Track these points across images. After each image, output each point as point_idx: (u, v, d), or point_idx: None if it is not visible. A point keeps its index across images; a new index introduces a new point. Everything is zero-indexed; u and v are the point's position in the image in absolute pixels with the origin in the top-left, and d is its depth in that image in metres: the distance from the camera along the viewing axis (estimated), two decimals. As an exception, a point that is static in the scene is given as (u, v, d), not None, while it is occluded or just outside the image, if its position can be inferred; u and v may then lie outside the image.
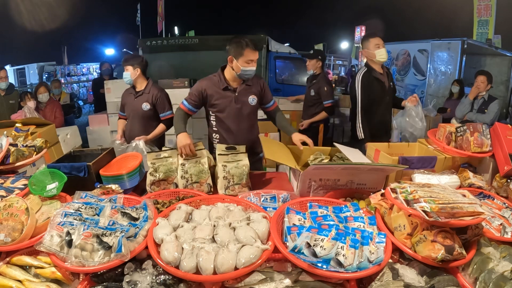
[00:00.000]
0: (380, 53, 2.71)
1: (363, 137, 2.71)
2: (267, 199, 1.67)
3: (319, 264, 1.11)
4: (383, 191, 1.45)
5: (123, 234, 1.21)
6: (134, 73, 2.84)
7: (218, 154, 1.92)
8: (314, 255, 1.12)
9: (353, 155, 1.99)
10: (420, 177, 1.74)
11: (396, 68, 8.29)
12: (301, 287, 1.16)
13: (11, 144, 1.91)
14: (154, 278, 1.15)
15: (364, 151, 2.19)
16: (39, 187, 1.61)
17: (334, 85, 7.80)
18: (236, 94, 2.26)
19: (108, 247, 1.18)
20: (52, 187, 1.60)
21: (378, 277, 1.19)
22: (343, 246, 1.14)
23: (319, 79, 4.01)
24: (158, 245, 1.24)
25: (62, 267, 1.20)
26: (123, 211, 1.37)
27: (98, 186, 1.70)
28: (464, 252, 1.21)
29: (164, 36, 12.03)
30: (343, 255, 1.11)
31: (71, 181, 1.67)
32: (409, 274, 1.20)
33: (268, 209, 1.54)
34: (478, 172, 1.91)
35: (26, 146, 1.97)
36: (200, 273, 1.13)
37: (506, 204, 1.63)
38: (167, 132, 3.08)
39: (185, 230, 1.28)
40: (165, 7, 12.66)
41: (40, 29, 16.77)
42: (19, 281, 1.22)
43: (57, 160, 2.00)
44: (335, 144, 2.10)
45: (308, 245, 1.13)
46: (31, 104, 4.06)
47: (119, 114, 3.13)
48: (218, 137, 2.37)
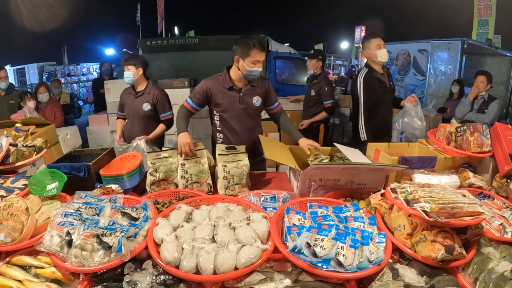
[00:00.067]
0: (382, 53, 2.71)
1: (365, 138, 2.69)
2: (267, 199, 1.67)
3: (319, 264, 1.11)
4: (383, 191, 1.45)
5: (123, 234, 1.21)
6: (136, 73, 2.83)
7: (218, 154, 1.92)
8: (314, 255, 1.12)
9: (353, 155, 1.98)
10: (420, 177, 1.74)
11: (396, 68, 8.30)
12: (301, 287, 1.16)
13: (11, 144, 1.90)
14: (154, 278, 1.15)
15: (365, 151, 2.18)
16: (39, 187, 1.61)
17: (334, 85, 7.80)
18: (241, 94, 2.26)
19: (108, 247, 1.18)
20: (52, 187, 1.60)
21: (378, 277, 1.19)
22: (343, 246, 1.14)
23: (319, 79, 4.00)
24: (158, 245, 1.24)
25: (62, 267, 1.20)
26: (123, 211, 1.37)
27: (98, 186, 1.70)
28: (464, 252, 1.21)
29: (164, 36, 12.03)
30: (343, 255, 1.11)
31: (71, 181, 1.67)
32: (409, 274, 1.20)
33: (268, 209, 1.54)
34: (478, 172, 1.90)
35: (26, 146, 1.97)
36: (200, 273, 1.13)
37: (506, 204, 1.63)
38: (167, 132, 3.08)
39: (185, 230, 1.28)
40: (165, 7, 12.66)
41: (40, 29, 16.79)
42: (19, 281, 1.22)
43: (57, 160, 2.00)
44: (335, 144, 2.10)
45: (308, 245, 1.13)
46: (31, 104, 4.05)
47: (117, 114, 3.12)
48: (221, 136, 2.37)
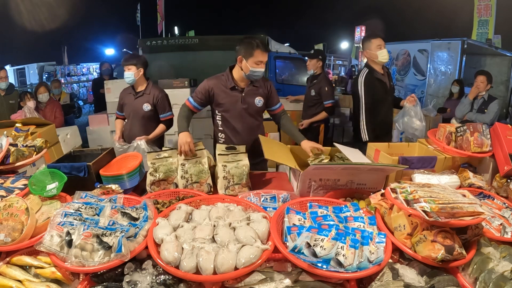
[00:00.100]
0: (382, 53, 2.71)
1: (367, 139, 2.68)
2: (267, 199, 1.67)
3: (319, 264, 1.11)
4: (383, 191, 1.45)
5: (123, 234, 1.21)
6: (137, 73, 2.83)
7: (218, 154, 1.92)
8: (314, 255, 1.12)
9: (353, 155, 1.98)
10: (420, 177, 1.74)
11: (396, 68, 8.30)
12: (301, 287, 1.16)
13: (11, 144, 1.90)
14: (154, 278, 1.15)
15: (365, 151, 2.18)
16: (39, 187, 1.61)
17: (334, 85, 7.81)
18: (243, 94, 2.26)
19: (108, 247, 1.18)
20: (52, 187, 1.60)
21: (378, 277, 1.19)
22: (343, 246, 1.14)
23: (320, 79, 4.00)
24: (158, 245, 1.24)
25: (62, 267, 1.20)
26: (123, 211, 1.37)
27: (98, 186, 1.70)
28: (464, 252, 1.21)
29: (164, 36, 12.03)
30: (343, 255, 1.11)
31: (71, 181, 1.67)
32: (409, 274, 1.20)
33: (268, 209, 1.54)
34: (478, 172, 1.90)
35: (26, 146, 1.97)
36: (200, 273, 1.13)
37: (506, 204, 1.63)
38: (167, 132, 3.08)
39: (185, 230, 1.28)
40: (165, 7, 12.67)
41: (40, 29, 16.79)
42: (19, 281, 1.22)
43: (57, 160, 2.00)
44: (335, 144, 2.10)
45: (308, 245, 1.13)
46: (31, 104, 4.05)
47: (116, 114, 3.11)
48: (223, 136, 2.37)
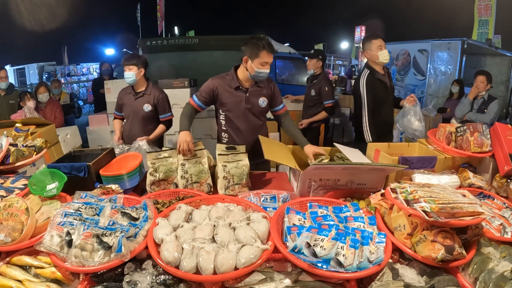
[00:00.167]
0: (383, 54, 2.71)
1: (371, 140, 2.67)
2: (267, 199, 1.67)
3: (319, 264, 1.11)
4: (383, 191, 1.45)
5: (123, 234, 1.21)
6: (138, 73, 2.82)
7: (218, 154, 1.92)
8: (314, 255, 1.12)
9: (353, 155, 1.98)
10: (420, 177, 1.74)
11: (396, 68, 8.30)
12: (301, 287, 1.16)
13: (11, 144, 1.90)
14: (154, 278, 1.15)
15: (365, 151, 2.18)
16: (39, 187, 1.61)
17: (334, 85, 7.80)
18: (247, 94, 2.26)
19: (108, 247, 1.18)
20: (52, 187, 1.60)
21: (378, 277, 1.19)
22: (343, 246, 1.14)
23: (320, 79, 4.00)
24: (158, 245, 1.24)
25: (62, 267, 1.20)
26: (123, 211, 1.37)
27: (98, 186, 1.70)
28: (464, 252, 1.21)
29: (164, 36, 12.03)
30: (343, 255, 1.11)
31: (71, 181, 1.67)
32: (409, 274, 1.20)
33: (268, 209, 1.54)
34: (478, 172, 1.90)
35: (26, 146, 1.97)
36: (200, 273, 1.13)
37: (506, 204, 1.63)
38: (167, 132, 3.08)
39: (185, 230, 1.28)
40: (165, 7, 12.68)
41: (40, 29, 16.80)
42: (19, 281, 1.22)
43: (57, 160, 1.99)
44: (335, 144, 2.10)
45: (308, 245, 1.13)
46: (30, 104, 4.05)
47: (114, 114, 3.08)
48: (226, 136, 2.38)
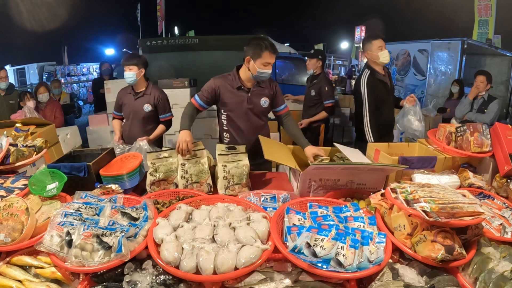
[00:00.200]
0: (384, 55, 2.71)
1: (372, 140, 2.67)
2: (267, 199, 1.67)
3: (319, 264, 1.11)
4: (383, 191, 1.45)
5: (123, 234, 1.21)
6: (139, 73, 2.82)
7: (218, 154, 1.92)
8: (314, 255, 1.12)
9: (353, 155, 1.98)
10: (420, 177, 1.74)
11: (396, 68, 8.30)
12: (301, 287, 1.16)
13: (11, 144, 1.90)
14: (154, 278, 1.15)
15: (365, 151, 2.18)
16: (39, 187, 1.61)
17: (334, 85, 7.80)
18: (249, 94, 2.27)
19: (108, 247, 1.18)
20: (52, 187, 1.60)
21: (378, 277, 1.19)
22: (343, 246, 1.14)
23: (319, 79, 4.00)
24: (158, 245, 1.24)
25: (62, 267, 1.20)
26: (123, 211, 1.37)
27: (98, 186, 1.70)
28: (464, 252, 1.21)
29: (164, 36, 12.03)
30: (343, 255, 1.11)
31: (71, 181, 1.67)
32: (409, 274, 1.20)
33: (268, 209, 1.54)
34: (478, 172, 1.90)
35: (26, 146, 1.97)
36: (200, 273, 1.13)
37: (506, 204, 1.63)
38: (167, 132, 3.08)
39: (185, 230, 1.28)
40: (165, 7, 12.68)
41: (40, 29, 16.80)
42: (19, 281, 1.22)
43: (57, 160, 1.99)
44: (335, 144, 2.10)
45: (308, 245, 1.13)
46: (30, 104, 4.05)
47: (113, 114, 3.06)
48: (228, 136, 2.38)
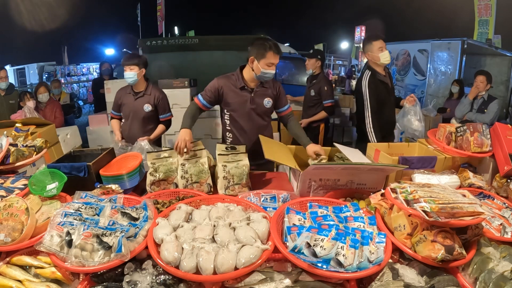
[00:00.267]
0: (384, 56, 2.70)
1: (375, 141, 2.67)
2: (267, 199, 1.67)
3: (319, 264, 1.11)
4: (383, 191, 1.45)
5: (123, 234, 1.21)
6: (140, 73, 2.81)
7: (218, 154, 1.92)
8: (314, 255, 1.12)
9: (353, 155, 1.98)
10: (420, 177, 1.74)
11: (396, 68, 8.30)
12: (301, 287, 1.16)
13: (11, 144, 1.90)
14: (154, 278, 1.15)
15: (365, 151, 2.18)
16: (39, 187, 1.61)
17: (334, 85, 7.81)
18: (252, 94, 2.27)
19: (108, 247, 1.18)
20: (52, 187, 1.60)
21: (378, 277, 1.19)
22: (343, 246, 1.14)
23: (319, 79, 4.01)
24: (158, 245, 1.24)
25: (62, 267, 1.20)
26: (123, 211, 1.37)
27: (98, 186, 1.70)
28: (464, 252, 1.21)
29: (164, 36, 12.03)
30: (343, 255, 1.11)
31: (71, 181, 1.67)
32: (409, 274, 1.20)
33: (268, 209, 1.54)
34: (478, 172, 1.91)
35: (26, 146, 1.97)
36: (200, 273, 1.13)
37: (506, 204, 1.63)
38: (167, 132, 3.08)
39: (185, 230, 1.28)
40: (165, 7, 12.68)
41: (40, 29, 16.79)
42: (19, 281, 1.22)
43: (57, 160, 2.00)
44: (335, 144, 2.10)
45: (308, 245, 1.13)
46: (30, 104, 4.05)
47: (112, 113, 3.04)
48: (231, 136, 2.38)
